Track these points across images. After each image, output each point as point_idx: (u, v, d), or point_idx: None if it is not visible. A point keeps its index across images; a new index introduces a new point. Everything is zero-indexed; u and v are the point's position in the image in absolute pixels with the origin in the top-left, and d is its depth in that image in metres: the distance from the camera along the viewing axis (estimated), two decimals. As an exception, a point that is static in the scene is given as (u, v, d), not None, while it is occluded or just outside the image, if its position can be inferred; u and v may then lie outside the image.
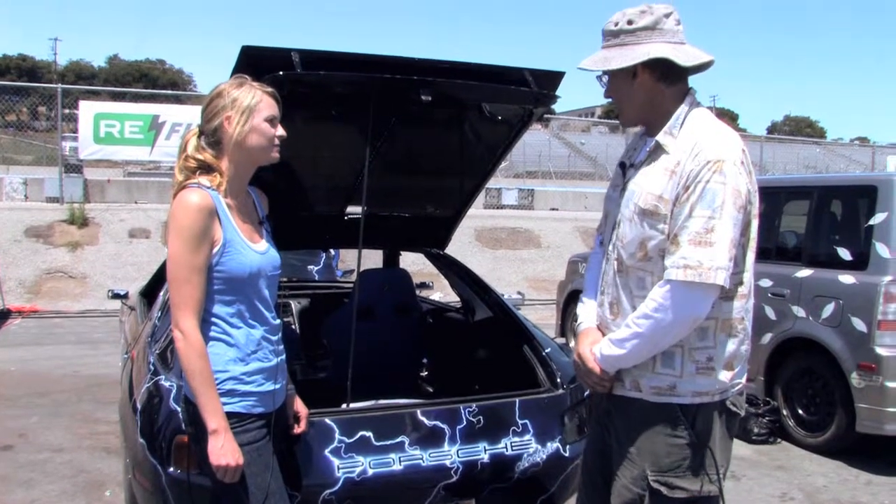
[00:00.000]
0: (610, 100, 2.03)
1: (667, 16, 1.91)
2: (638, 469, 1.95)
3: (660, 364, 1.93)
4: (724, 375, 1.94)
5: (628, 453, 1.98)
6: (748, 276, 1.96)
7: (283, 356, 2.23)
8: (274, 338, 2.18)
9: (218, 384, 2.02)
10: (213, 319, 2.06)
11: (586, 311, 2.16)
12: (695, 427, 1.93)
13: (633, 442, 1.97)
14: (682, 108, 1.94)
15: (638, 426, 1.96)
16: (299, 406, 2.44)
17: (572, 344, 7.48)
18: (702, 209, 1.81)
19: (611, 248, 2.04)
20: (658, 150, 1.94)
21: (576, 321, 2.24)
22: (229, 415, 2.02)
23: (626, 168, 2.06)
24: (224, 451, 1.97)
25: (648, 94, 1.94)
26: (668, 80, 1.93)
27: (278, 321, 2.22)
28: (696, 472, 1.92)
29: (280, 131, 2.12)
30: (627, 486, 1.97)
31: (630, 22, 1.90)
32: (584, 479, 2.26)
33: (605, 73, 1.98)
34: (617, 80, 1.96)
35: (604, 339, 1.99)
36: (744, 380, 2.03)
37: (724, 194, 1.81)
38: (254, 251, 2.11)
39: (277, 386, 2.17)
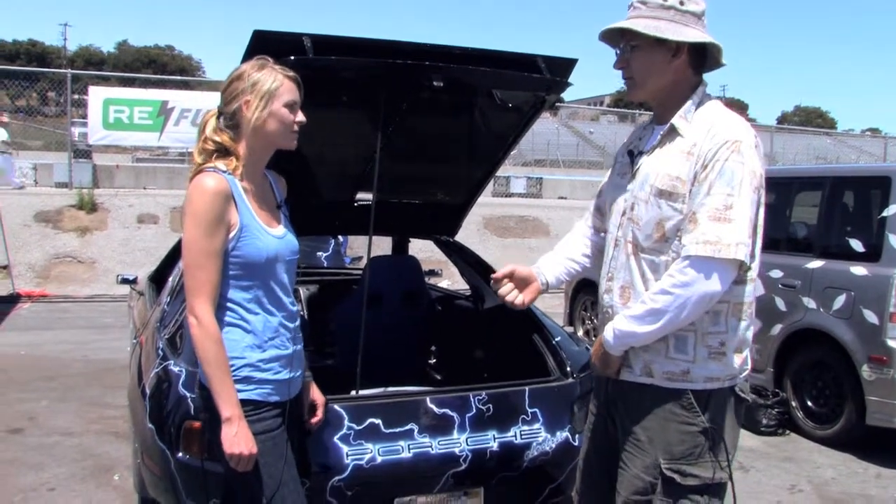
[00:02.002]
0: (621, 70, 1.99)
1: (704, 11, 1.96)
2: (650, 457, 1.94)
3: (673, 349, 1.92)
4: (735, 361, 1.95)
5: (639, 441, 1.97)
6: (756, 261, 1.96)
7: (301, 344, 2.21)
8: (292, 325, 2.16)
9: (234, 371, 2.00)
10: (230, 305, 2.04)
11: (546, 260, 2.25)
12: (707, 413, 1.92)
13: (644, 430, 1.96)
14: (696, 97, 1.97)
15: (649, 413, 1.95)
16: (316, 394, 2.41)
17: (581, 333, 7.49)
18: (720, 187, 1.82)
19: (619, 233, 2.03)
20: (672, 133, 1.95)
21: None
22: (244, 402, 2.00)
23: (634, 156, 2.06)
24: (238, 439, 1.95)
25: (676, 76, 1.95)
26: (695, 69, 1.97)
27: (296, 307, 2.20)
28: (708, 460, 1.92)
29: (300, 117, 2.09)
30: (638, 475, 1.96)
31: (681, 3, 1.91)
32: (584, 471, 2.24)
33: (633, 43, 1.93)
34: (651, 53, 1.93)
35: (618, 315, 1.97)
36: (749, 366, 2.03)
37: (742, 173, 1.82)
38: (271, 235, 2.09)
39: (294, 374, 2.15)
